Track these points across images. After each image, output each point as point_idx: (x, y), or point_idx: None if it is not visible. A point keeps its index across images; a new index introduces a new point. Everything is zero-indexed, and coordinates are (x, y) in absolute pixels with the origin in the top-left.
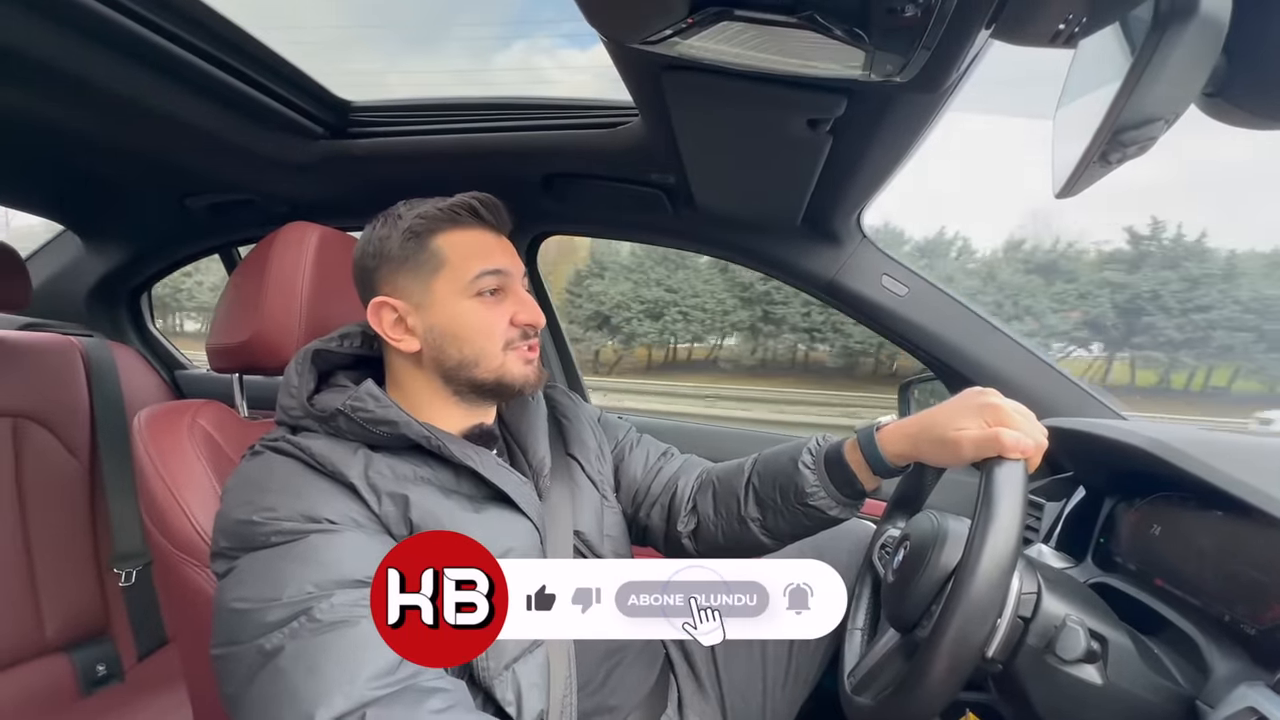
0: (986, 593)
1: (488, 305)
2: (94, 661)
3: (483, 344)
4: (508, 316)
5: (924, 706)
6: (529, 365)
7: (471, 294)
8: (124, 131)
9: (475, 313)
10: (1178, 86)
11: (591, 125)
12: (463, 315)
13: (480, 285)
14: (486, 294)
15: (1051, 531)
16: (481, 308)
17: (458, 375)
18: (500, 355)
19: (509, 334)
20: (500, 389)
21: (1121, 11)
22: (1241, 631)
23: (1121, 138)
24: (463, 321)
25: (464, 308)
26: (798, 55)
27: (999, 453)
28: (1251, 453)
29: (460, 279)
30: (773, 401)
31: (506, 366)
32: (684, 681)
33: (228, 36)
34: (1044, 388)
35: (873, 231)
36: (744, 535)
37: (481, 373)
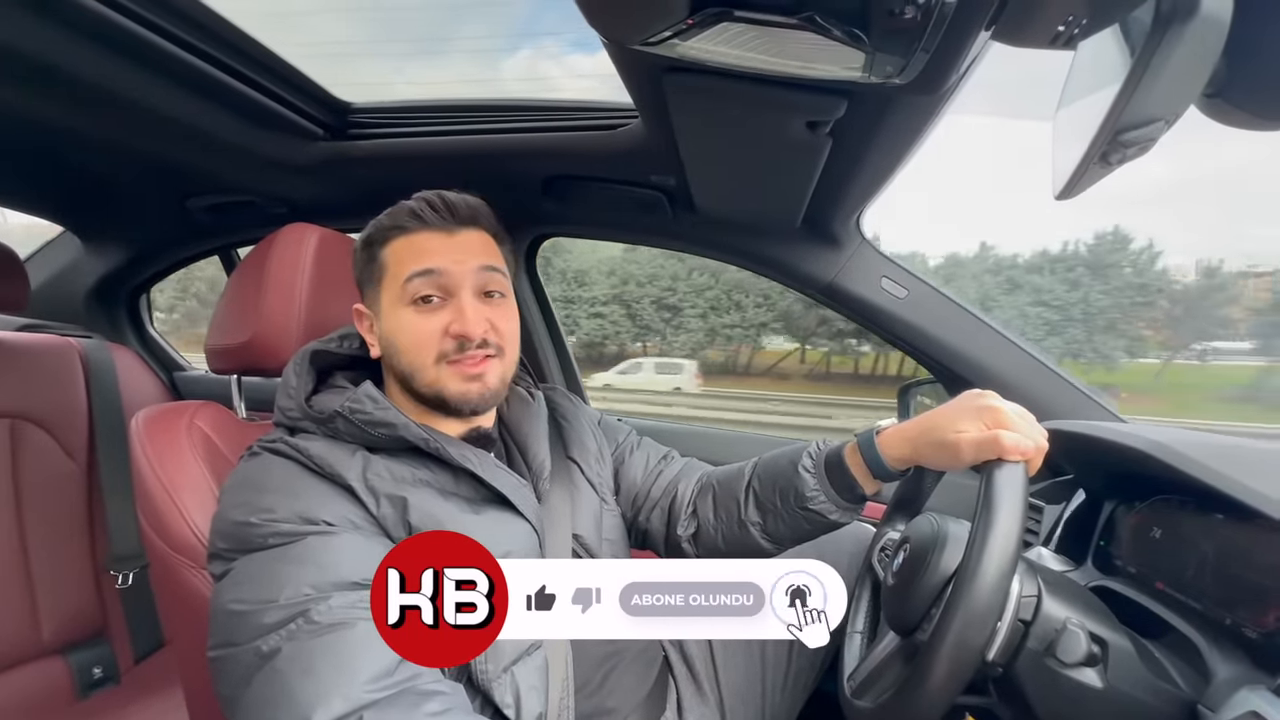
0: (987, 596)
1: (422, 314)
2: (90, 664)
3: (414, 356)
4: (442, 326)
5: (924, 710)
6: (471, 381)
7: (406, 302)
8: (124, 132)
9: (410, 322)
10: (1178, 87)
11: (592, 127)
12: (399, 325)
13: (411, 291)
14: (420, 301)
15: (1051, 534)
16: (415, 317)
17: (408, 385)
18: (433, 369)
19: (442, 345)
20: (441, 404)
21: (1121, 13)
22: (1243, 635)
23: (1122, 139)
24: (400, 332)
25: (400, 317)
26: (797, 57)
27: (999, 455)
28: (1252, 455)
29: (394, 286)
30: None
31: (442, 382)
32: (683, 684)
33: (228, 38)
34: (1043, 390)
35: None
36: (744, 539)
37: (419, 385)
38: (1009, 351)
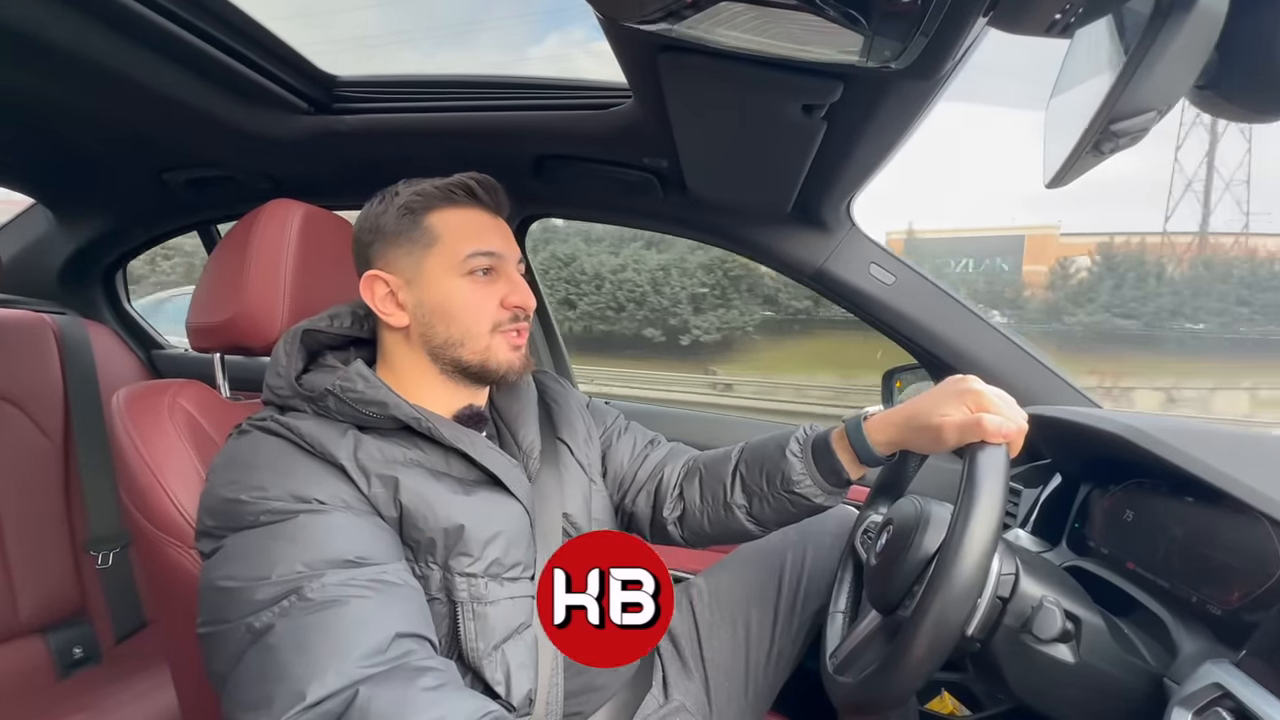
0: (969, 573)
1: (478, 285)
2: (70, 644)
3: (470, 324)
4: (498, 298)
5: (905, 683)
6: (515, 351)
7: (463, 273)
8: (98, 102)
9: (465, 292)
10: (1173, 77)
11: (584, 106)
12: (453, 293)
13: (472, 265)
14: (478, 274)
15: (1028, 517)
16: (472, 287)
17: (444, 354)
18: (487, 337)
19: (498, 315)
20: (484, 372)
21: (1119, 2)
22: (1208, 612)
23: (1115, 128)
24: (453, 300)
25: (454, 286)
26: (795, 39)
27: (981, 437)
28: (1222, 440)
29: (453, 257)
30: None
31: (493, 350)
32: (669, 662)
33: (210, 6)
34: (1024, 377)
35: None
36: (730, 522)
37: (467, 354)
38: (992, 339)
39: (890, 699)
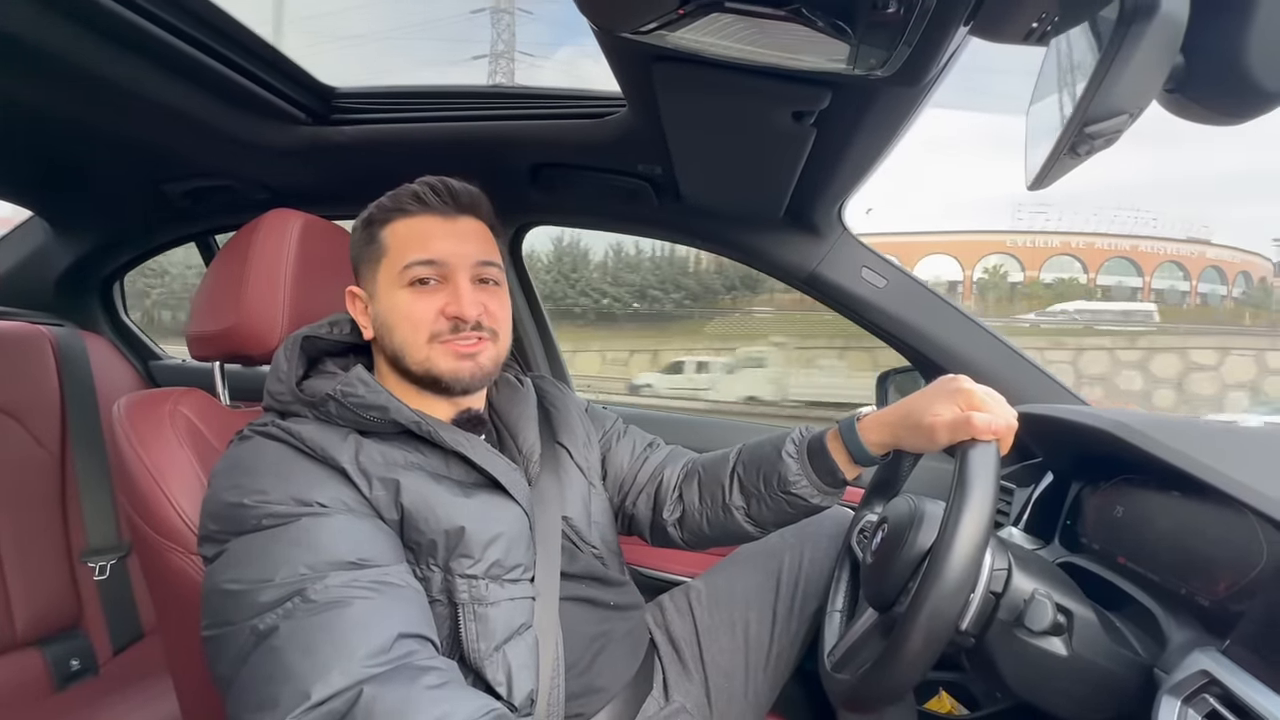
0: (962, 566)
1: (417, 296)
2: (67, 656)
3: (406, 334)
4: (437, 308)
5: (902, 678)
6: (463, 360)
7: (403, 284)
8: (97, 113)
9: (405, 303)
10: (1141, 82)
11: (579, 115)
12: (395, 305)
13: (411, 275)
14: (417, 283)
15: (1021, 515)
16: (411, 298)
17: (397, 364)
18: (425, 348)
19: (436, 326)
20: (432, 382)
21: (1090, 11)
22: (1196, 603)
23: (1089, 130)
24: (394, 312)
25: (396, 298)
26: (785, 48)
27: (972, 435)
28: (1207, 434)
29: (394, 268)
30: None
31: (432, 360)
32: (669, 664)
33: (209, 19)
34: (1014, 377)
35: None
36: (729, 523)
37: (410, 364)
38: (983, 340)
39: (887, 694)
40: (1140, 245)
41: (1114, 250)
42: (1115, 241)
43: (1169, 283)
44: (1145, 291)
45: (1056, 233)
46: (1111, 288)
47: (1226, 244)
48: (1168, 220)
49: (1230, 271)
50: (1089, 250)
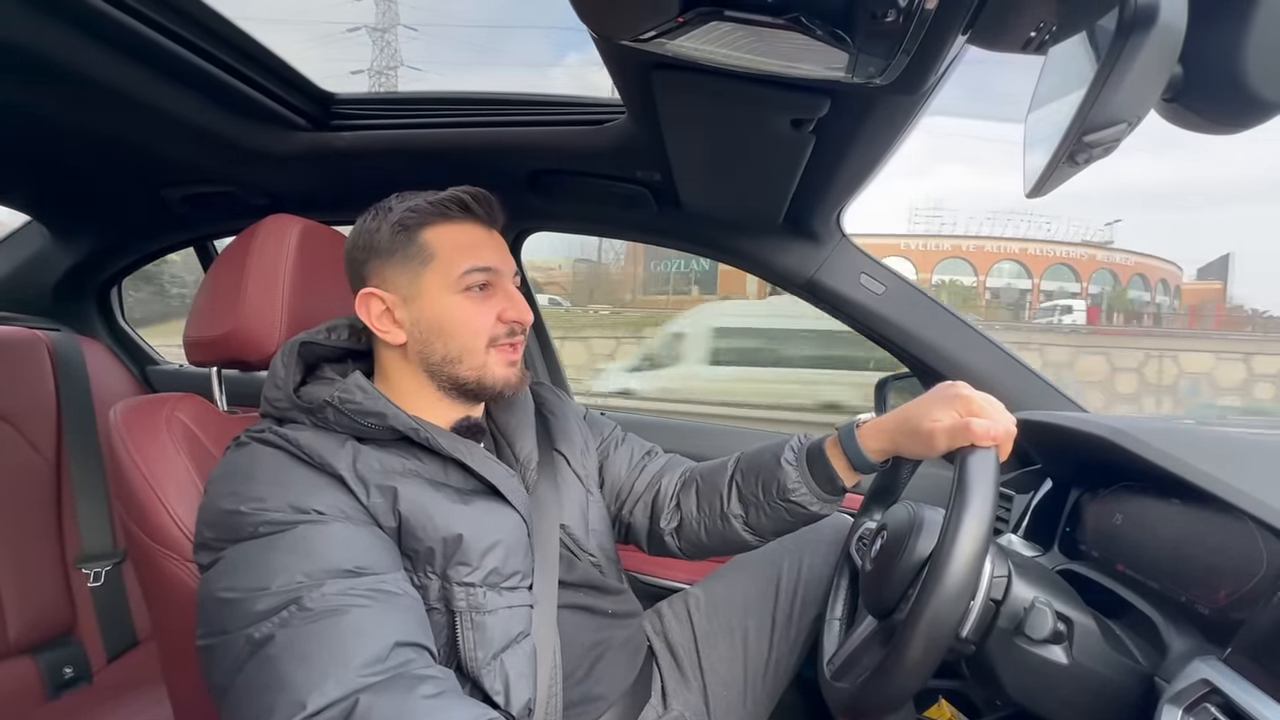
0: (961, 574)
1: (475, 301)
2: (61, 664)
3: (467, 340)
4: (495, 313)
5: (901, 686)
6: (511, 367)
7: (459, 289)
8: (96, 118)
9: (461, 308)
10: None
11: (578, 122)
12: (449, 310)
13: (469, 281)
14: (475, 290)
15: (1020, 522)
16: (469, 303)
17: (441, 371)
18: (483, 354)
19: (495, 330)
20: (480, 389)
21: (1088, 20)
22: (1196, 611)
23: (1087, 139)
24: (449, 316)
25: (451, 302)
26: (784, 56)
27: (971, 441)
28: (1207, 441)
29: (449, 274)
30: None
31: (489, 366)
32: (667, 672)
33: (208, 24)
34: (1013, 383)
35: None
36: (727, 532)
37: (464, 370)
38: (981, 346)
39: (887, 703)
40: (1030, 249)
41: (1003, 254)
42: (1006, 245)
43: (1058, 284)
44: (1035, 293)
45: (949, 236)
46: (1001, 289)
47: (1126, 249)
48: (1067, 225)
49: (1124, 274)
50: (979, 254)
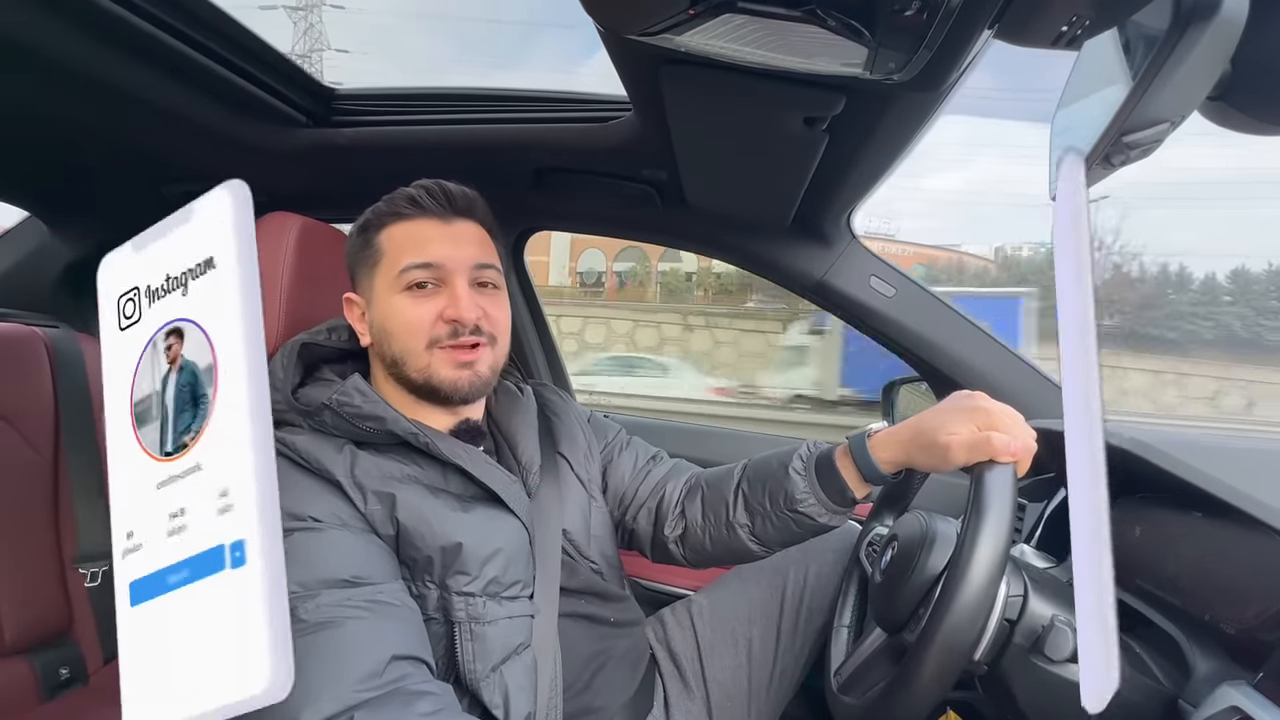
0: (976, 599)
1: (415, 300)
2: (56, 664)
3: (406, 341)
4: (436, 312)
5: (911, 709)
6: (463, 369)
7: (400, 288)
8: (95, 114)
9: (403, 308)
10: (1189, 88)
11: (583, 119)
12: (392, 311)
13: (408, 279)
14: (414, 287)
15: (1034, 531)
16: (409, 303)
17: (395, 373)
18: (425, 355)
19: (434, 331)
20: (431, 391)
21: (1128, 13)
22: (1221, 631)
23: (1127, 139)
24: (392, 317)
25: (394, 303)
26: (799, 51)
27: (990, 456)
28: (1231, 453)
29: (390, 272)
30: None
31: (433, 368)
32: (670, 682)
33: (208, 19)
34: (1026, 389)
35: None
36: (732, 541)
37: (410, 372)
38: (993, 350)
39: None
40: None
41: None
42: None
43: (627, 265)
44: (609, 275)
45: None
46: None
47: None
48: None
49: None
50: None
